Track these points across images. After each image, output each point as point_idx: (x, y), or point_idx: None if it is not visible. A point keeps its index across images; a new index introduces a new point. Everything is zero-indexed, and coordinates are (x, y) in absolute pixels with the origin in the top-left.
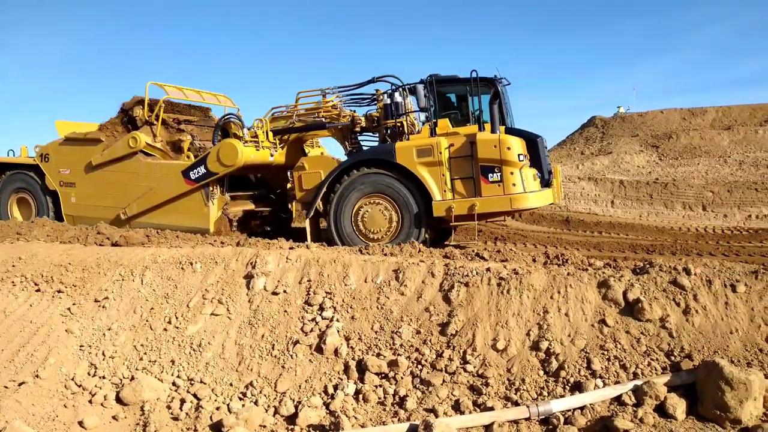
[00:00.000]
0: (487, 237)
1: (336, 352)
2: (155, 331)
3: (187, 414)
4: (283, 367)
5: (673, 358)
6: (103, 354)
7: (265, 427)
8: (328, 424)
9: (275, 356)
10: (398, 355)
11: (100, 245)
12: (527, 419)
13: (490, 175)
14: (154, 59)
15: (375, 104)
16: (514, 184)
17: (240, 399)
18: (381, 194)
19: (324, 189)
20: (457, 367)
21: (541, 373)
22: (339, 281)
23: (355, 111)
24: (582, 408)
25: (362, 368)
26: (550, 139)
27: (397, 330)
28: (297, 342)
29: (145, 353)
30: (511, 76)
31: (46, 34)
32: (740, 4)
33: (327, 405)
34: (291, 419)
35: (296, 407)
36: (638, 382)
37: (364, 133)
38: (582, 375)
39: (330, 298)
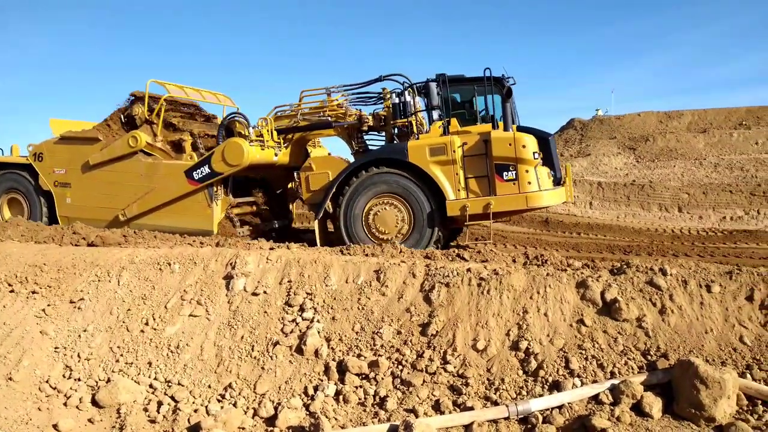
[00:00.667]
0: (468, 237)
1: (316, 353)
2: (132, 333)
3: (164, 416)
4: (262, 368)
5: (649, 357)
6: (79, 356)
7: (244, 429)
8: (307, 425)
9: (255, 357)
10: (379, 355)
11: (76, 245)
12: (506, 419)
13: (504, 173)
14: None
15: (381, 103)
16: (529, 183)
17: (218, 401)
18: (392, 194)
19: (334, 190)
20: (437, 367)
21: (521, 372)
22: (320, 282)
23: (360, 110)
24: (560, 407)
25: (343, 369)
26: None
27: (378, 330)
28: (277, 343)
29: (122, 355)
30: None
31: (29, 32)
32: (717, 9)
33: (307, 406)
34: (270, 421)
35: (276, 409)
36: (615, 381)
37: (370, 133)
38: (560, 374)
39: (311, 299)
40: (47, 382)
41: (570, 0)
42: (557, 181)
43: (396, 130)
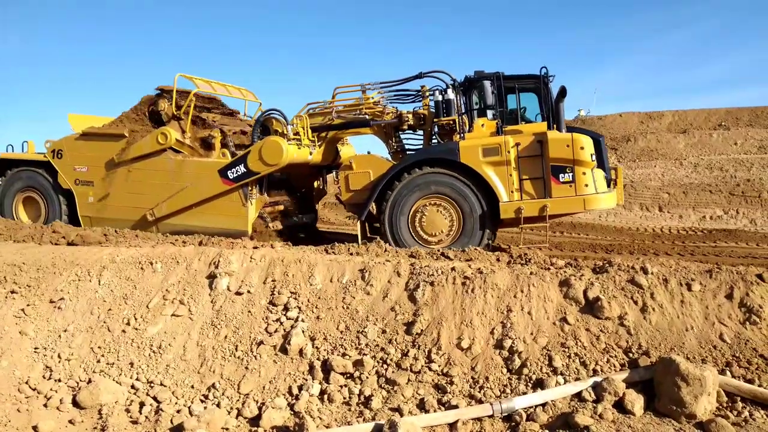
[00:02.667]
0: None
1: (301, 352)
2: (113, 333)
3: (146, 417)
4: (246, 368)
5: (631, 354)
6: (59, 356)
7: (227, 429)
8: (292, 425)
9: (238, 357)
10: (364, 354)
11: (56, 244)
12: (491, 417)
13: (561, 175)
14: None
15: (420, 101)
16: (586, 185)
17: (202, 401)
18: (441, 195)
19: (379, 190)
20: (422, 366)
21: (505, 371)
22: (304, 281)
23: (396, 108)
24: (544, 405)
25: (327, 368)
26: None
27: (363, 329)
28: (261, 342)
29: (103, 355)
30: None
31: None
32: (698, 11)
33: (291, 406)
34: (254, 421)
35: (260, 409)
36: (598, 379)
37: (405, 132)
38: (544, 372)
39: (295, 298)
40: (27, 383)
41: (552, 1)
42: (607, 183)
43: (437, 129)
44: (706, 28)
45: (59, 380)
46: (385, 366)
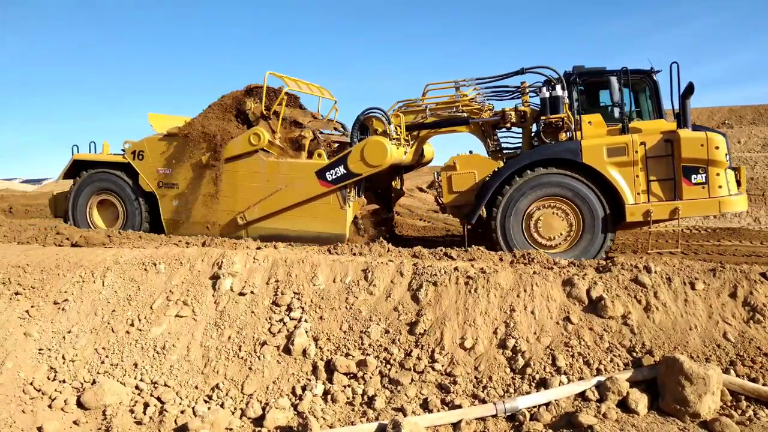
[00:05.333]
0: (454, 237)
1: (304, 352)
2: (117, 334)
3: (150, 418)
4: (250, 368)
5: (634, 354)
6: (63, 357)
7: (231, 430)
8: (296, 425)
9: (242, 358)
10: (367, 354)
11: (60, 246)
12: (494, 416)
13: (693, 176)
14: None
15: (519, 97)
16: (720, 186)
17: (206, 402)
18: (559, 197)
19: (490, 193)
20: (425, 366)
21: (508, 370)
22: (307, 281)
23: (492, 105)
24: (547, 404)
25: (331, 368)
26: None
27: (366, 330)
28: (264, 343)
29: (107, 356)
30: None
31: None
32: (698, 9)
33: (295, 406)
34: (258, 421)
35: (263, 409)
36: (601, 378)
37: (502, 130)
38: (547, 372)
39: (298, 299)
40: (31, 384)
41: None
42: None
43: (542, 127)
44: (707, 26)
45: (63, 381)
46: (388, 366)
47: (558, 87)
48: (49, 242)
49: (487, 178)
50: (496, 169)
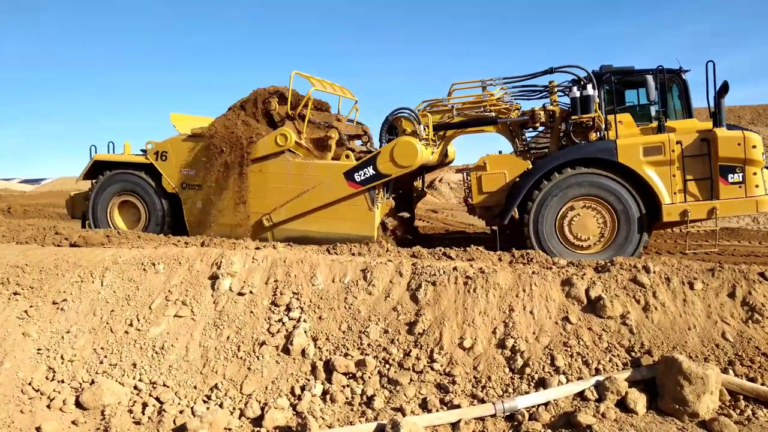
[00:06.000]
0: (453, 237)
1: (303, 352)
2: (116, 334)
3: (149, 418)
4: (249, 368)
5: (633, 353)
6: (62, 357)
7: (230, 430)
8: (294, 425)
9: (241, 358)
10: (366, 354)
11: (58, 246)
12: (493, 416)
13: (730, 175)
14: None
15: (548, 97)
16: (757, 186)
17: (204, 402)
18: (592, 197)
19: (524, 193)
20: (424, 366)
21: (507, 370)
22: (306, 281)
23: (519, 104)
24: (546, 404)
25: (330, 368)
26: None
27: (365, 330)
28: (263, 343)
29: (106, 356)
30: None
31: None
32: (695, 11)
33: (294, 406)
34: (257, 421)
35: (262, 409)
36: (600, 378)
37: (530, 129)
38: (546, 371)
39: (297, 299)
40: (30, 384)
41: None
42: None
43: (572, 127)
44: (704, 27)
45: (62, 381)
46: (387, 366)
47: (589, 86)
48: (48, 242)
49: (519, 178)
50: (528, 169)
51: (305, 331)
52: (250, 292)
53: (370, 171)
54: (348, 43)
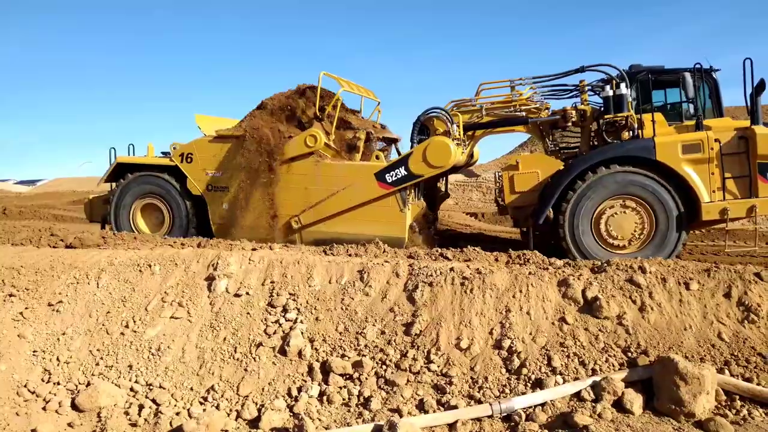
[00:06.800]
0: (448, 237)
1: (300, 353)
2: (112, 336)
3: (145, 420)
4: (245, 370)
5: (630, 354)
6: (58, 359)
7: (226, 431)
8: (291, 426)
9: (237, 359)
10: (363, 355)
11: (54, 247)
12: (490, 417)
13: None
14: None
15: (579, 96)
16: None
17: (201, 403)
18: (629, 196)
19: (559, 192)
20: (421, 366)
21: (504, 371)
22: (303, 282)
23: (549, 104)
24: (543, 404)
25: (326, 370)
26: (508, 143)
27: (362, 331)
28: (260, 344)
29: (102, 358)
30: (460, 82)
31: None
32: (694, 10)
33: (291, 407)
34: (254, 423)
35: (259, 410)
36: (597, 378)
37: (561, 129)
38: (543, 372)
39: (294, 300)
40: (25, 386)
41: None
42: None
43: (605, 126)
44: (703, 27)
45: (58, 383)
46: (384, 367)
47: (622, 85)
48: (44, 243)
49: (551, 178)
50: (561, 168)
51: (302, 333)
52: (247, 293)
53: (402, 171)
54: (348, 42)
